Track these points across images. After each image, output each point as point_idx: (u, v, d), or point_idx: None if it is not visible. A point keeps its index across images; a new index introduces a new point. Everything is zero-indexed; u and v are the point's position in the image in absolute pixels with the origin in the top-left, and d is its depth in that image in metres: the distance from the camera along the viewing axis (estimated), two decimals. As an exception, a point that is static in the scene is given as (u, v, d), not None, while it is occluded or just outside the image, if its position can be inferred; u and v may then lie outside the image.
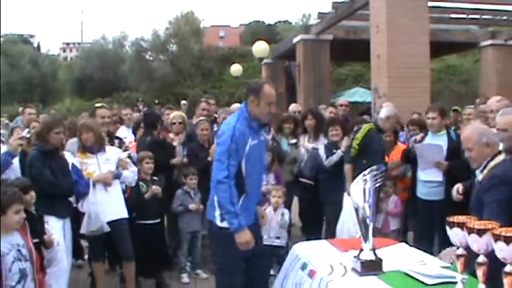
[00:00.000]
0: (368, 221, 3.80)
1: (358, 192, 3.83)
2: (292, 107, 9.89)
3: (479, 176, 4.26)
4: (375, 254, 3.75)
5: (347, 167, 6.97)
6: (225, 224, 4.54)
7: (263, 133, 4.93)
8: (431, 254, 4.76)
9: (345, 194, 6.88)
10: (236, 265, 4.62)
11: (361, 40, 16.34)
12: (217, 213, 4.60)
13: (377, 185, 3.80)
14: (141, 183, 6.78)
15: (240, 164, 4.52)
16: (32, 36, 60.09)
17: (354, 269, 3.74)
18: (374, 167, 3.85)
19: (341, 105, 9.69)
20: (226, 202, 4.44)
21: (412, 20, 11.94)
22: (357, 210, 3.88)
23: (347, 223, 6.77)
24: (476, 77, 25.01)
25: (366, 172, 3.82)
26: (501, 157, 4.20)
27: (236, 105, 8.87)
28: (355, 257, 3.80)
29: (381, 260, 3.76)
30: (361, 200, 3.82)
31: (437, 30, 17.56)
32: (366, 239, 3.79)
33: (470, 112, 8.39)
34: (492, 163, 4.17)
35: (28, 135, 6.33)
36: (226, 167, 4.44)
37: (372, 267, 3.71)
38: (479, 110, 7.99)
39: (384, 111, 7.14)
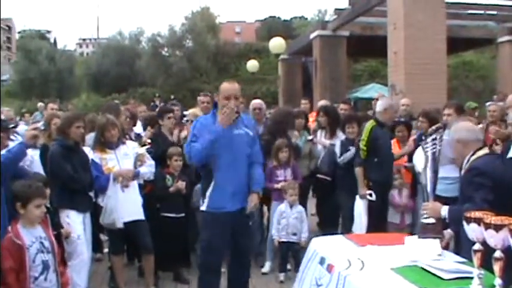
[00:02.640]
0: (429, 186, 4.26)
1: (419, 159, 4.28)
2: (321, 103, 9.92)
3: (462, 172, 4.35)
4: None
5: (357, 170, 6.94)
6: (203, 207, 5.22)
7: (243, 128, 5.29)
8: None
9: (357, 197, 6.87)
10: (217, 244, 5.20)
11: (378, 36, 16.33)
12: (201, 199, 5.28)
13: (435, 150, 4.25)
14: (167, 176, 6.84)
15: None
16: (48, 32, 60.66)
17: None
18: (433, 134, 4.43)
19: (341, 109, 9.54)
20: (201, 145, 5.04)
21: (429, 17, 11.91)
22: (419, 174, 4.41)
23: (358, 228, 6.76)
24: (494, 73, 24.84)
25: (425, 140, 4.35)
26: (482, 152, 4.28)
27: (256, 101, 8.88)
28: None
29: (440, 224, 4.12)
30: (422, 166, 4.21)
31: (454, 26, 17.49)
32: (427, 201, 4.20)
33: (495, 109, 8.32)
34: (473, 157, 4.24)
35: (43, 127, 6.39)
36: (188, 144, 5.24)
37: (432, 230, 4.06)
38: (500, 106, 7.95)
39: (380, 104, 7.07)
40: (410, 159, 7.12)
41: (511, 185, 3.99)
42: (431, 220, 4.21)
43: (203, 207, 5.25)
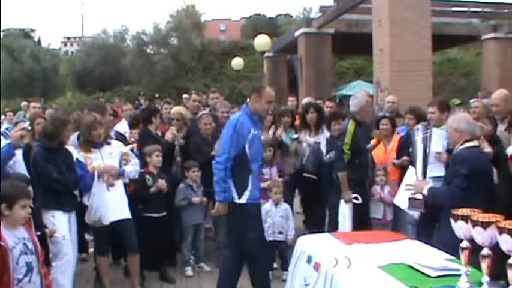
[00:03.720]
0: (418, 167, 5.12)
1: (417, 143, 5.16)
2: (305, 100, 9.90)
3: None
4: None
5: (341, 175, 6.73)
6: (243, 201, 5.55)
7: (261, 129, 5.95)
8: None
9: (341, 201, 6.82)
10: (257, 234, 5.71)
11: (363, 33, 16.37)
12: (234, 192, 5.57)
13: (427, 135, 5.16)
14: (147, 176, 6.81)
15: (245, 149, 5.53)
16: (33, 31, 59.92)
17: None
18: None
19: (327, 107, 9.49)
20: (220, 178, 5.52)
21: (414, 14, 11.96)
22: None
23: (342, 228, 6.71)
24: (478, 70, 25.02)
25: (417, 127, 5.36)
26: (470, 143, 4.93)
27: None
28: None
29: (425, 200, 4.96)
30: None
31: (439, 24, 17.60)
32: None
33: (478, 105, 8.38)
34: (461, 147, 4.94)
35: (30, 128, 6.33)
36: (228, 151, 5.49)
37: (418, 204, 5.07)
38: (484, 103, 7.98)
39: (353, 104, 6.94)
40: (398, 157, 7.11)
41: (487, 175, 4.95)
42: (419, 196, 5.07)
43: (242, 200, 5.57)
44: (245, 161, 5.57)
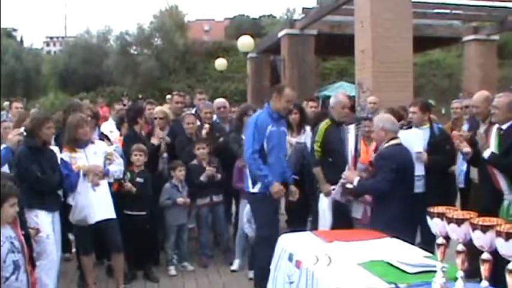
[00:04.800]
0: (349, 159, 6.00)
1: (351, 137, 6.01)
2: None
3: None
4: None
5: (316, 170, 6.81)
6: (255, 190, 6.17)
7: (283, 127, 6.42)
8: (413, 244, 4.95)
9: (321, 196, 6.87)
10: (271, 219, 6.21)
11: (346, 35, 16.43)
12: (249, 182, 6.22)
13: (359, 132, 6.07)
14: (127, 173, 6.82)
15: (263, 143, 6.10)
16: (15, 30, 59.61)
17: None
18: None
19: (310, 107, 9.49)
20: (255, 169, 6.10)
21: (396, 15, 12.02)
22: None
23: (323, 224, 6.77)
24: (460, 72, 25.22)
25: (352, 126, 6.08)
26: (394, 141, 5.55)
27: (219, 100, 8.93)
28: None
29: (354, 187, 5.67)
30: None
31: (421, 25, 17.73)
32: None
33: (458, 106, 8.53)
34: (386, 144, 5.55)
35: (25, 133, 6.34)
36: (251, 146, 6.07)
37: (349, 192, 5.78)
38: (464, 104, 8.09)
39: (331, 101, 7.02)
40: None
41: (409, 170, 5.56)
42: (350, 185, 5.80)
43: (255, 190, 6.19)
44: (262, 154, 6.12)
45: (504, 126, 5.52)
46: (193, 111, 8.97)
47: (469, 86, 19.13)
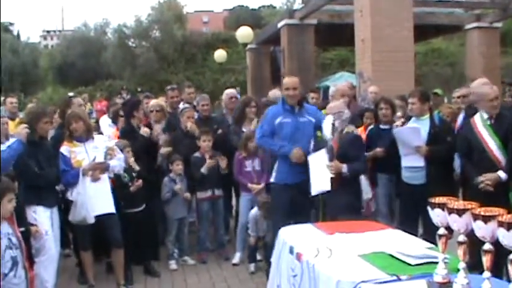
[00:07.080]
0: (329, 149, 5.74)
1: (327, 127, 5.79)
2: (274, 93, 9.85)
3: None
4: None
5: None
6: (272, 180, 6.42)
7: (306, 115, 6.30)
8: (416, 235, 4.91)
9: (309, 157, 6.67)
10: (283, 208, 6.19)
11: (346, 24, 16.28)
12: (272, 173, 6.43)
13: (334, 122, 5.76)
14: (123, 173, 6.72)
15: (273, 135, 6.25)
16: (11, 24, 59.41)
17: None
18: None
19: (312, 98, 9.40)
20: (269, 147, 6.44)
21: (396, 4, 11.94)
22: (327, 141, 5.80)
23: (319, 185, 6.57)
24: (462, 60, 25.11)
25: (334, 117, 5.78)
26: (347, 129, 5.83)
27: (230, 90, 8.94)
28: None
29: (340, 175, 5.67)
30: (329, 133, 5.76)
31: (422, 13, 17.60)
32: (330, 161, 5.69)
33: (459, 95, 8.40)
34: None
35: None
36: (260, 129, 6.40)
37: (334, 181, 5.65)
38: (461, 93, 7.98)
39: (330, 91, 7.09)
40: (368, 149, 7.03)
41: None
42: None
43: (272, 179, 6.42)
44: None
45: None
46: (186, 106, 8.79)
47: (472, 74, 19.00)
